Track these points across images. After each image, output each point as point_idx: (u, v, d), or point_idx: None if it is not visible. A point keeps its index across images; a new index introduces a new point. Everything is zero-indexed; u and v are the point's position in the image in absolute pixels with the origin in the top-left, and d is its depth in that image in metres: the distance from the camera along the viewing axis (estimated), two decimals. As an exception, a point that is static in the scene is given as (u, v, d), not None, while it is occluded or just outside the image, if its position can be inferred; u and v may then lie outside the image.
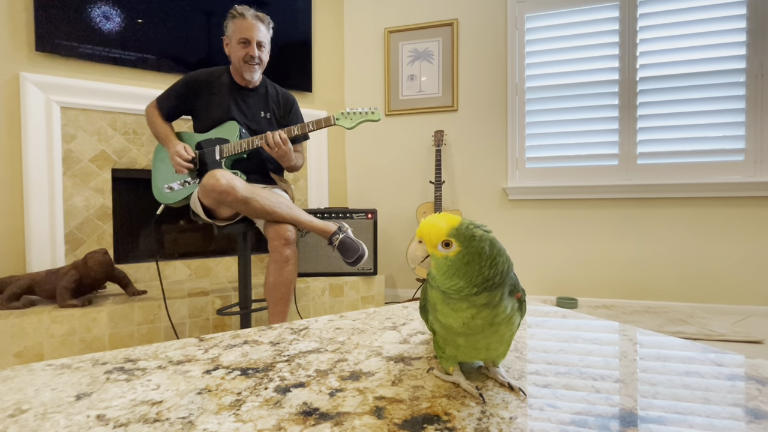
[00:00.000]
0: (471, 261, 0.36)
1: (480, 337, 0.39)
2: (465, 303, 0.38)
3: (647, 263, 2.15)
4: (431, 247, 0.37)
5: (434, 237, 0.37)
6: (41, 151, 1.83)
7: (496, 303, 0.38)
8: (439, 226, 0.37)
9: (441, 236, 0.36)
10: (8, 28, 1.78)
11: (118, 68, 1.99)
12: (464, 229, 0.37)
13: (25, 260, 1.82)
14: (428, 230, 0.37)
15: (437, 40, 2.48)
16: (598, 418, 0.35)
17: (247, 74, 1.51)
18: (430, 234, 0.37)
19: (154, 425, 0.34)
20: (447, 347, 0.42)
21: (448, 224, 0.37)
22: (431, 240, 0.37)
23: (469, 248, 0.36)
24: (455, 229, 0.36)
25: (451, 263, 0.36)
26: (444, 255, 0.36)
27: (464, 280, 0.37)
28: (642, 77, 2.13)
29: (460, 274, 0.36)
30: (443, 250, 0.36)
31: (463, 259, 0.36)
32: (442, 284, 0.38)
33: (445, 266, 0.36)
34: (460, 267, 0.36)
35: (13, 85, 1.80)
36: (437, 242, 0.36)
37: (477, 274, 0.36)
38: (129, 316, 1.63)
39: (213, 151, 1.48)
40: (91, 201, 1.95)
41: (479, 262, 0.36)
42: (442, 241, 0.36)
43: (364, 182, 2.64)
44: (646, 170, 2.13)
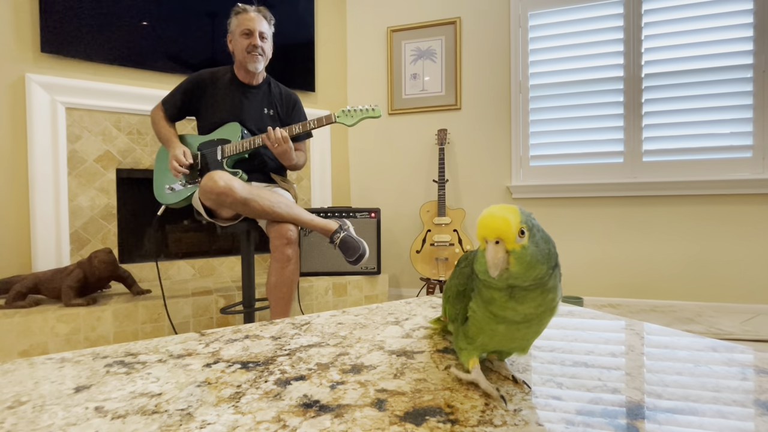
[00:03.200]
0: (539, 241, 0.35)
1: (525, 325, 0.37)
2: (537, 291, 0.36)
3: (654, 262, 2.12)
4: (512, 242, 0.33)
5: (512, 230, 0.33)
6: (47, 151, 1.84)
7: (556, 284, 0.37)
8: (510, 217, 0.34)
9: (518, 225, 0.33)
10: (14, 29, 1.80)
11: (122, 69, 2.01)
12: (523, 210, 0.35)
13: (31, 259, 1.83)
14: (504, 226, 0.33)
15: (440, 39, 2.47)
16: (605, 410, 0.34)
17: (251, 65, 1.51)
18: (507, 230, 0.33)
19: (153, 417, 0.34)
20: (480, 335, 0.40)
21: (513, 213, 0.34)
22: (511, 235, 0.33)
23: (533, 229, 0.34)
24: (522, 214, 0.34)
25: (532, 250, 0.34)
26: (521, 246, 0.34)
27: (545, 263, 0.34)
28: (647, 74, 2.11)
29: (541, 258, 0.34)
30: (520, 241, 0.34)
31: (533, 240, 0.34)
32: (526, 278, 0.34)
33: (528, 255, 0.34)
34: (535, 251, 0.34)
35: (18, 86, 1.81)
36: (516, 234, 0.33)
37: (547, 252, 0.35)
38: (133, 315, 1.64)
39: (215, 151, 1.48)
40: (96, 201, 1.96)
41: (542, 238, 0.35)
42: (519, 230, 0.34)
43: (368, 181, 2.63)
44: (652, 168, 2.11)
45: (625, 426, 0.32)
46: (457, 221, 2.24)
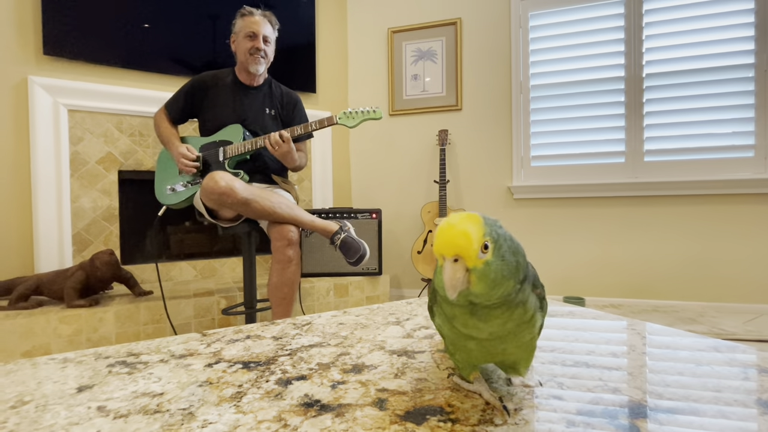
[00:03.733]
0: (506, 253, 0.31)
1: (498, 342, 0.34)
2: (501, 308, 0.32)
3: (656, 262, 2.12)
4: (473, 259, 0.29)
5: (474, 246, 0.29)
6: (49, 153, 1.85)
7: (525, 298, 0.33)
8: (471, 230, 0.29)
9: (480, 239, 0.29)
10: (16, 32, 1.81)
11: (123, 71, 2.01)
12: (488, 220, 0.31)
13: (33, 261, 1.84)
14: (464, 241, 0.29)
15: (441, 40, 2.47)
16: (606, 409, 0.34)
17: (252, 66, 1.52)
18: (467, 245, 0.29)
19: (154, 416, 0.34)
20: (457, 352, 0.37)
21: (475, 224, 0.30)
22: (471, 252, 0.29)
23: (499, 240, 0.30)
24: (486, 225, 0.30)
25: (497, 266, 0.30)
26: (484, 261, 0.30)
27: (512, 278, 0.31)
28: (648, 74, 2.10)
29: (508, 273, 0.30)
30: (483, 256, 0.30)
31: (499, 253, 0.30)
32: (489, 297, 0.31)
33: (492, 272, 0.30)
34: (502, 265, 0.30)
35: (21, 88, 1.82)
36: (478, 249, 0.29)
37: (515, 265, 0.31)
38: (135, 316, 1.64)
39: (216, 152, 1.49)
40: (98, 202, 1.97)
41: (509, 250, 0.31)
42: (482, 245, 0.29)
43: (369, 182, 2.64)
44: (653, 167, 2.11)
45: (627, 426, 0.32)
46: (458, 222, 2.24)
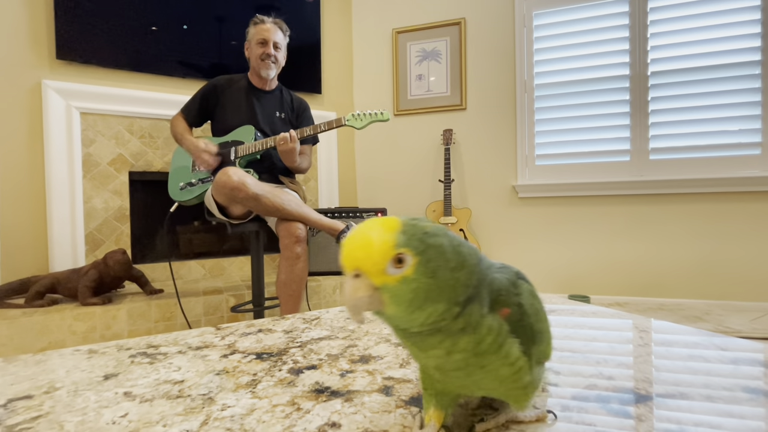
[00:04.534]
0: (439, 268, 0.24)
1: (462, 374, 0.28)
2: (438, 336, 0.26)
3: (661, 260, 2.12)
4: (377, 275, 0.23)
5: (377, 258, 0.23)
6: (62, 155, 1.90)
7: (475, 324, 0.26)
8: (376, 240, 0.23)
9: (389, 251, 0.23)
10: (30, 37, 1.86)
11: (134, 74, 2.06)
12: (412, 227, 0.24)
13: (48, 260, 1.89)
14: (363, 253, 0.23)
15: (445, 40, 2.49)
16: (600, 394, 0.36)
17: (264, 71, 1.56)
18: (367, 257, 0.23)
19: (177, 400, 0.37)
20: (425, 379, 0.31)
21: (386, 230, 0.24)
22: (374, 265, 0.23)
23: (429, 250, 0.24)
24: (402, 233, 0.24)
25: (419, 285, 0.23)
26: (401, 278, 0.23)
27: (442, 300, 0.24)
28: (654, 72, 2.10)
29: (434, 294, 0.24)
30: (396, 271, 0.23)
31: (427, 269, 0.24)
32: (411, 322, 0.25)
33: (409, 293, 0.23)
34: (429, 284, 0.24)
35: (35, 92, 1.87)
36: (386, 263, 0.23)
37: (452, 283, 0.24)
38: (147, 314, 1.68)
39: (229, 152, 1.52)
40: (110, 203, 2.01)
41: (446, 264, 0.24)
42: (393, 257, 0.23)
43: (374, 182, 2.66)
44: (658, 166, 2.11)
45: (618, 410, 0.34)
46: (463, 221, 2.25)
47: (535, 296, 0.31)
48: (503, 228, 2.38)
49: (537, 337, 0.29)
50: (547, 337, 0.31)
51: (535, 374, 0.30)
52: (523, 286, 0.29)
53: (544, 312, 0.31)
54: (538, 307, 0.30)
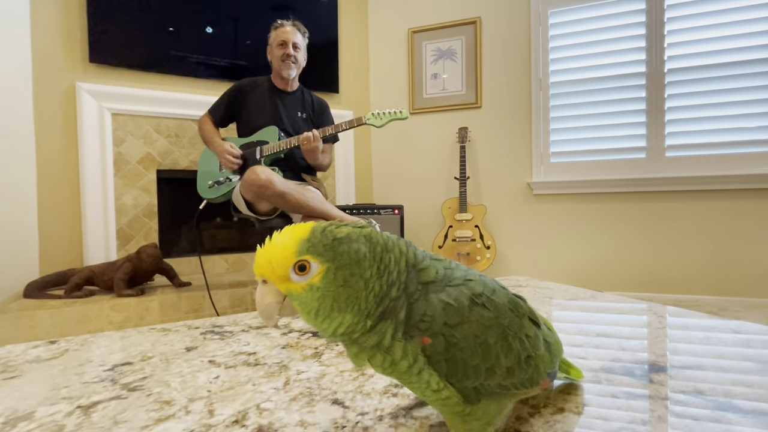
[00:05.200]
0: (349, 277, 0.24)
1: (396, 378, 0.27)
2: (354, 348, 0.26)
3: (677, 256, 2.13)
4: (281, 281, 0.24)
5: (280, 264, 0.24)
6: (95, 154, 1.99)
7: (387, 345, 0.25)
8: (281, 245, 0.24)
9: (289, 258, 0.23)
10: (65, 42, 1.95)
11: (161, 76, 2.14)
12: (320, 233, 0.24)
13: (82, 254, 1.99)
14: (266, 259, 0.24)
15: (460, 39, 2.52)
16: (624, 366, 0.41)
17: (285, 72, 1.63)
18: (271, 262, 0.24)
19: (256, 367, 0.43)
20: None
21: (292, 238, 0.24)
22: (276, 271, 0.24)
23: (339, 258, 0.24)
24: (306, 240, 0.24)
25: (321, 293, 0.23)
26: (306, 285, 0.23)
27: (350, 310, 0.24)
28: (670, 69, 2.11)
29: (341, 304, 0.24)
30: (300, 279, 0.23)
31: (336, 278, 0.24)
32: (322, 331, 0.25)
33: (315, 301, 0.24)
34: (336, 293, 0.23)
35: (69, 94, 1.97)
36: (287, 270, 0.23)
37: (367, 293, 0.24)
38: (177, 305, 1.76)
39: (254, 151, 1.59)
40: (139, 200, 2.11)
41: (360, 272, 0.24)
42: (295, 264, 0.23)
43: (390, 179, 2.71)
44: (675, 163, 2.12)
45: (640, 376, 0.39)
46: (478, 217, 2.29)
47: (492, 326, 0.26)
48: (518, 224, 2.41)
49: (474, 373, 0.25)
50: (500, 372, 0.26)
51: (486, 411, 0.27)
52: (472, 313, 0.25)
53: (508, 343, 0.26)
54: (489, 341, 0.25)
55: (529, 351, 0.27)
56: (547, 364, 0.29)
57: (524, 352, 0.27)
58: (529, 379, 0.28)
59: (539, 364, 0.28)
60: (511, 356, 0.26)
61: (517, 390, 0.28)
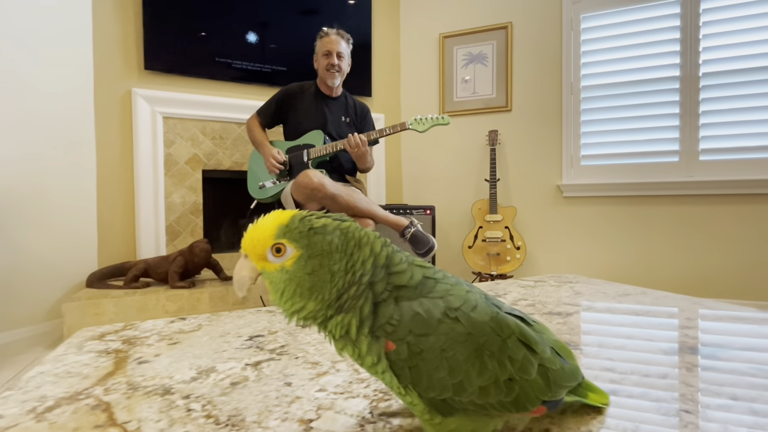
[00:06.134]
0: (318, 267, 0.25)
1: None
2: (324, 334, 0.27)
3: (709, 261, 2.13)
4: (259, 259, 0.26)
5: (259, 243, 0.26)
6: (148, 155, 2.13)
7: (354, 338, 0.26)
8: (263, 227, 0.26)
9: (268, 239, 0.25)
10: (123, 51, 2.09)
11: (207, 81, 2.27)
12: (299, 221, 0.26)
13: (135, 248, 2.13)
14: (250, 237, 0.26)
15: (491, 43, 2.57)
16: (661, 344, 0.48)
17: (329, 80, 1.72)
18: (253, 240, 0.26)
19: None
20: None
21: (275, 221, 0.26)
22: (256, 248, 0.26)
23: (312, 247, 0.25)
24: (285, 226, 0.26)
25: (289, 276, 0.25)
26: (279, 266, 0.25)
27: (313, 298, 0.25)
28: (705, 73, 2.12)
29: (305, 291, 0.25)
30: (276, 260, 0.25)
31: (306, 265, 0.25)
32: (285, 313, 0.26)
33: (282, 282, 0.25)
34: (303, 279, 0.25)
35: (126, 99, 2.11)
36: (265, 249, 0.25)
37: (331, 286, 0.25)
38: (225, 297, 1.88)
39: (301, 154, 1.69)
40: (186, 198, 2.24)
41: (329, 265, 0.25)
42: (272, 246, 0.25)
43: (419, 180, 2.78)
44: (709, 166, 2.12)
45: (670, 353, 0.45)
46: (508, 218, 2.34)
47: (463, 342, 0.25)
48: (548, 226, 2.45)
49: (440, 386, 0.25)
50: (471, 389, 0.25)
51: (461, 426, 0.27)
52: (442, 326, 0.25)
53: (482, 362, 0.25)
54: (457, 356, 0.25)
55: (511, 373, 0.26)
56: (540, 390, 0.27)
57: (504, 374, 0.26)
58: (512, 403, 0.26)
59: (528, 389, 0.26)
60: (485, 375, 0.25)
61: (497, 411, 0.26)
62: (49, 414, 0.33)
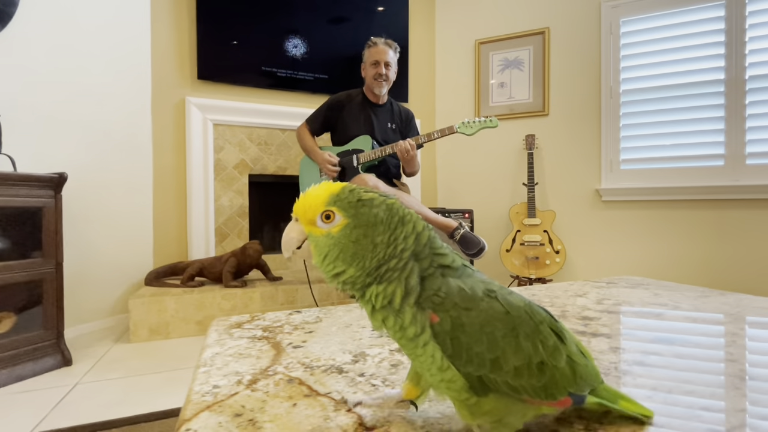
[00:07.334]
0: (362, 236, 0.27)
1: (406, 352, 0.29)
2: (365, 305, 0.29)
3: (755, 266, 2.09)
4: (308, 223, 0.28)
5: (311, 208, 0.28)
6: (200, 160, 2.24)
7: (397, 307, 0.27)
8: (316, 194, 0.28)
9: (319, 206, 0.27)
10: (179, 62, 2.21)
11: (253, 89, 2.37)
12: (348, 192, 0.28)
13: (187, 249, 2.23)
14: (302, 203, 0.28)
15: (528, 49, 2.60)
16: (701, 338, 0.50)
17: (377, 89, 1.79)
18: (305, 206, 0.28)
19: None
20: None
21: (327, 190, 0.28)
22: (306, 213, 0.28)
23: (358, 217, 0.27)
24: (336, 195, 0.28)
25: (334, 241, 0.27)
26: (326, 232, 0.27)
27: (354, 264, 0.27)
28: (752, 75, 2.09)
29: (347, 257, 0.27)
30: (324, 226, 0.27)
31: (351, 233, 0.27)
32: (327, 275, 0.28)
33: (327, 246, 0.27)
34: (346, 246, 0.27)
35: (180, 107, 2.22)
36: (315, 215, 0.28)
37: (372, 255, 0.27)
38: (275, 296, 1.96)
39: (351, 159, 1.75)
40: (234, 201, 2.34)
41: (372, 236, 0.27)
42: (322, 212, 0.27)
43: (454, 184, 2.82)
44: (756, 170, 2.09)
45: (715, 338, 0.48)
46: (547, 222, 2.35)
47: (501, 320, 0.26)
48: (586, 230, 2.45)
49: (478, 360, 0.26)
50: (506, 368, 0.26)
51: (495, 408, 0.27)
52: (483, 302, 0.27)
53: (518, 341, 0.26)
54: (495, 333, 0.26)
55: (543, 357, 0.27)
56: (568, 380, 0.28)
57: (537, 357, 0.27)
58: (543, 388, 0.27)
59: (557, 376, 0.27)
60: (520, 355, 0.26)
61: (529, 396, 0.27)
62: (255, 385, 0.39)
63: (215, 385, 0.40)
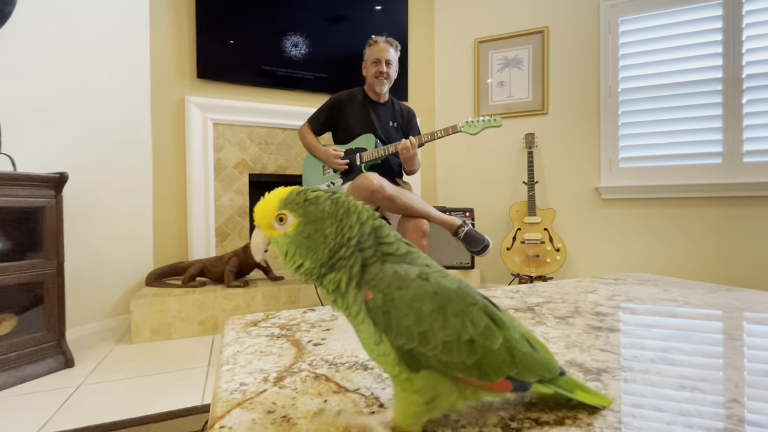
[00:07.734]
0: (313, 231, 0.30)
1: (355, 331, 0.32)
2: (321, 290, 0.32)
3: (753, 263, 2.12)
4: (267, 228, 0.31)
5: (266, 214, 0.31)
6: (200, 159, 2.22)
7: (344, 291, 0.30)
8: (268, 201, 0.31)
9: (272, 211, 0.31)
10: (178, 61, 2.20)
11: (253, 89, 2.36)
12: (296, 195, 0.31)
13: (188, 249, 2.22)
14: (259, 210, 0.31)
15: (527, 48, 2.61)
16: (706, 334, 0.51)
17: (378, 87, 1.79)
18: (261, 213, 0.31)
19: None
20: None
21: (278, 196, 0.31)
22: (264, 219, 0.31)
23: (308, 215, 0.30)
24: (285, 199, 0.31)
25: (290, 240, 0.30)
26: (282, 233, 0.31)
27: (309, 257, 0.30)
28: (749, 74, 2.11)
29: (303, 251, 0.30)
30: (280, 227, 0.31)
31: (304, 230, 0.30)
32: (291, 269, 0.32)
33: (285, 245, 0.31)
34: (301, 242, 0.30)
35: (179, 106, 2.21)
36: (271, 219, 0.31)
37: (324, 247, 0.30)
38: (277, 296, 1.95)
39: (354, 158, 1.75)
40: (234, 201, 2.32)
41: (322, 229, 0.30)
42: (276, 216, 0.31)
43: (454, 183, 2.82)
44: (754, 168, 2.11)
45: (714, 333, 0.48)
46: (547, 220, 2.37)
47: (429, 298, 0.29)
48: (586, 228, 2.46)
49: (407, 333, 0.28)
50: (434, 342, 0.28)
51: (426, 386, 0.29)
52: (414, 282, 0.29)
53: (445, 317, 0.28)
54: (423, 309, 0.28)
55: (472, 335, 0.28)
56: (505, 364, 0.29)
57: (465, 334, 0.28)
58: (475, 366, 0.28)
59: (491, 357, 0.29)
60: (447, 331, 0.28)
61: (461, 373, 0.28)
62: (282, 382, 0.39)
63: (242, 382, 0.39)
